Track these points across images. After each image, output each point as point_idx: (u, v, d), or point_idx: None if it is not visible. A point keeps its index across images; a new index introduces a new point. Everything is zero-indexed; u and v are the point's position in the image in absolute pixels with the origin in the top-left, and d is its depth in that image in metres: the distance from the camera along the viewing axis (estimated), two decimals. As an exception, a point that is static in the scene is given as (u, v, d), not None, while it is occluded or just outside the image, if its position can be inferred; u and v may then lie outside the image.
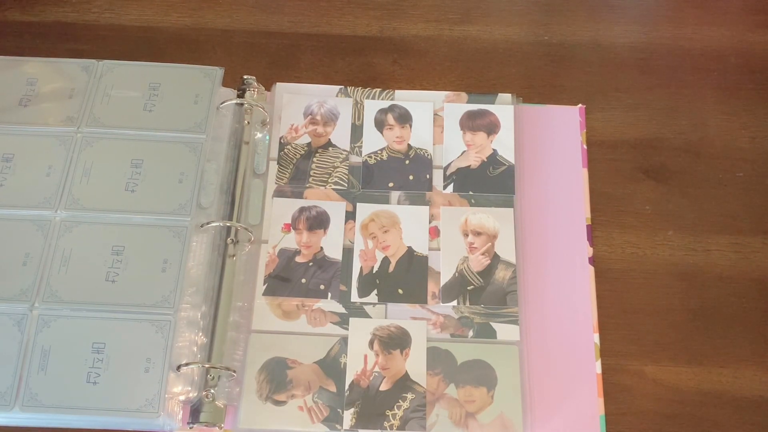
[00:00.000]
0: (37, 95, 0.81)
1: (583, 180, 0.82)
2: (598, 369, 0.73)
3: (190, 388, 0.70)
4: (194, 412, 0.70)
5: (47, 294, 0.71)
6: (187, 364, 0.70)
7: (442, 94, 0.86)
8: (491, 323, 0.75)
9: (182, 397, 0.70)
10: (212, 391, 0.70)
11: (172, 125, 0.80)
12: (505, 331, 0.74)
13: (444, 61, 0.89)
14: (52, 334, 0.70)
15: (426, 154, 0.83)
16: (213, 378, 0.70)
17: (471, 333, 0.74)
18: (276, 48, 0.89)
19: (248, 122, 0.82)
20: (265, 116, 0.83)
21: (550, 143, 0.84)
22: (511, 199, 0.80)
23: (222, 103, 0.82)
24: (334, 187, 0.81)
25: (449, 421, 0.71)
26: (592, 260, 0.78)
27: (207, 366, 0.70)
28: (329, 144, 0.83)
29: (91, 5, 0.92)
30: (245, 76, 0.84)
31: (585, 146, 0.84)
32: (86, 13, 0.91)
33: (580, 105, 0.86)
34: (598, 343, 0.74)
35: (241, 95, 0.83)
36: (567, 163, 0.83)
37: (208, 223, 0.76)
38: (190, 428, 0.70)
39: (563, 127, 0.85)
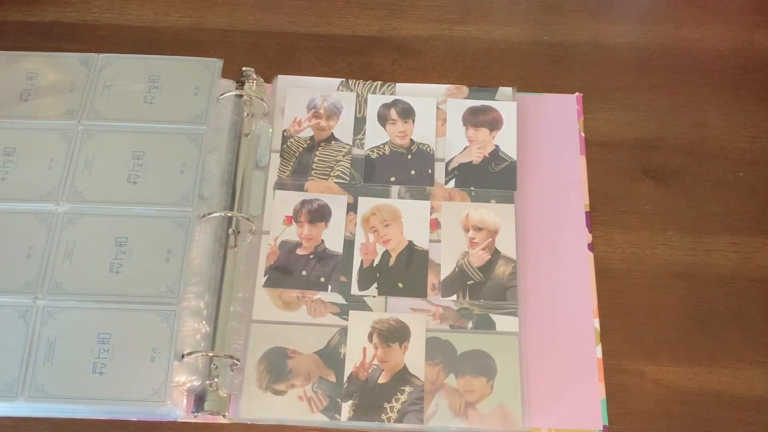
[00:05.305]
0: (38, 89, 0.82)
1: (581, 167, 0.82)
2: (599, 353, 0.74)
3: (194, 377, 0.70)
4: (198, 401, 0.70)
5: (52, 286, 0.72)
6: (191, 353, 0.70)
7: (443, 87, 0.86)
8: (490, 314, 0.75)
9: (187, 386, 0.70)
10: (216, 380, 0.70)
11: (172, 117, 0.80)
12: (504, 322, 0.75)
13: (444, 61, 0.89)
14: (58, 325, 0.70)
15: (428, 149, 0.83)
16: (216, 367, 0.70)
17: (470, 324, 0.75)
18: (276, 48, 0.89)
19: (247, 114, 0.82)
20: (265, 108, 0.83)
21: (549, 131, 0.84)
22: (511, 194, 0.80)
23: (222, 95, 0.82)
24: (336, 180, 0.81)
25: (449, 411, 0.71)
26: (591, 246, 0.79)
27: (210, 355, 0.71)
28: (332, 138, 0.83)
29: (91, 5, 0.92)
30: (244, 68, 0.84)
31: (583, 134, 0.84)
32: (86, 13, 0.91)
33: (577, 93, 0.86)
34: (599, 328, 0.75)
35: (240, 87, 0.83)
36: (565, 151, 0.83)
37: (209, 214, 0.76)
38: (195, 417, 0.70)
39: (561, 115, 0.85)
